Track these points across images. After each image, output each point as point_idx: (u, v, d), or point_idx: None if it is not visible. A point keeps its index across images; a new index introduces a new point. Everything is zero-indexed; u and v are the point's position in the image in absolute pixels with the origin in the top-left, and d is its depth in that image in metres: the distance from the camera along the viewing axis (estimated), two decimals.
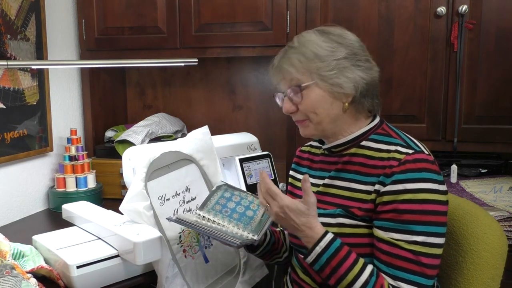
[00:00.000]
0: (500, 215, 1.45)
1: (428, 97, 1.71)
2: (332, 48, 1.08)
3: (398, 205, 0.99)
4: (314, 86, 1.08)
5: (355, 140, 1.12)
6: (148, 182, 1.24)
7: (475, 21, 1.63)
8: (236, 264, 1.39)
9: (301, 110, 1.11)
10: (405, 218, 0.98)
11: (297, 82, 1.09)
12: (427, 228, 0.98)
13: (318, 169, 1.21)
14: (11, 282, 1.01)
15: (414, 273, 0.97)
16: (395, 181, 1.00)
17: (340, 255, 0.99)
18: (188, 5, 1.86)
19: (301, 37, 1.13)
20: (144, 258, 1.12)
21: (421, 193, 0.98)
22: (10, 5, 1.62)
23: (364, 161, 1.09)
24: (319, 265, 1.00)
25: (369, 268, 1.00)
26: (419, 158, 1.02)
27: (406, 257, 0.98)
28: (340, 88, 1.07)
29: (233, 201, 1.23)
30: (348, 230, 1.06)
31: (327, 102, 1.09)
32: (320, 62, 1.07)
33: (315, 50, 1.08)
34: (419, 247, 0.97)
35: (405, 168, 1.01)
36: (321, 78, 1.07)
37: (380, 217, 1.02)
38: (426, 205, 0.98)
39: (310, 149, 1.29)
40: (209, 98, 2.28)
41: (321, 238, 1.00)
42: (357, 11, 1.73)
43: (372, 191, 1.05)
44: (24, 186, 1.74)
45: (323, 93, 1.08)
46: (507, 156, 1.86)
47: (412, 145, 1.06)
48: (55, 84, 1.88)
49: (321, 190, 1.16)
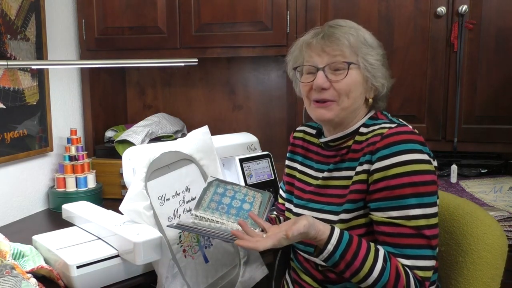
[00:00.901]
0: (500, 215, 1.45)
1: (428, 97, 1.71)
2: (378, 43, 1.12)
3: (389, 182, 0.99)
4: (357, 69, 1.08)
5: (353, 133, 1.13)
6: (148, 182, 1.23)
7: (475, 21, 1.63)
8: (236, 264, 1.39)
9: (337, 89, 1.08)
10: (398, 193, 0.98)
11: (343, 58, 1.07)
12: (421, 200, 0.98)
13: (316, 161, 1.21)
14: (11, 282, 1.01)
15: (421, 247, 0.98)
16: (381, 157, 1.01)
17: (352, 248, 0.97)
18: (188, 5, 1.86)
19: (343, 21, 1.13)
20: (144, 258, 1.12)
21: (408, 165, 0.98)
22: (10, 5, 1.62)
23: (355, 147, 1.10)
24: (333, 261, 0.98)
25: (381, 252, 0.98)
26: (401, 130, 1.02)
27: (410, 233, 0.98)
28: (375, 80, 1.09)
29: (228, 196, 1.22)
30: (350, 224, 1.06)
31: (360, 89, 1.10)
32: (371, 48, 1.09)
33: (366, 37, 1.10)
34: (420, 221, 0.98)
35: (388, 142, 1.01)
36: (366, 63, 1.08)
37: (374, 197, 1.02)
38: (416, 177, 0.98)
39: (304, 136, 1.28)
40: (209, 98, 2.28)
41: (330, 236, 0.98)
42: (357, 11, 1.73)
43: (361, 171, 1.05)
44: (24, 186, 1.74)
45: (361, 79, 1.09)
46: (507, 156, 1.86)
47: (395, 121, 1.07)
48: (55, 84, 1.88)
49: (321, 183, 1.15)
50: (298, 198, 1.22)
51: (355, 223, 1.06)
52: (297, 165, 1.26)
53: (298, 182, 1.24)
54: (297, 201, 1.22)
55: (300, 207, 1.19)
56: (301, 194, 1.21)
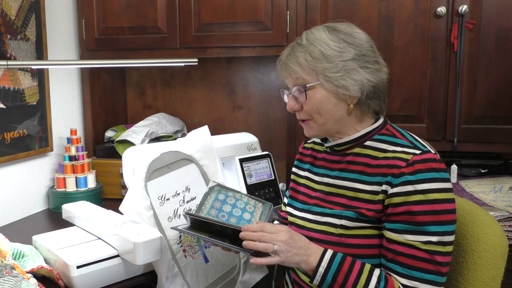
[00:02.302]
0: (500, 215, 1.45)
1: (428, 97, 1.71)
2: (340, 48, 1.06)
3: (410, 207, 0.99)
4: (319, 86, 1.07)
5: (358, 139, 1.12)
6: (148, 182, 1.23)
7: (475, 21, 1.63)
8: (236, 264, 1.39)
9: (305, 110, 1.10)
10: (419, 220, 0.98)
11: (303, 81, 1.08)
12: (441, 228, 0.98)
13: (321, 167, 1.20)
14: (11, 282, 1.01)
15: (430, 272, 0.98)
16: (405, 182, 1.00)
17: (344, 270, 0.99)
18: (188, 5, 1.86)
19: (310, 34, 1.10)
20: (144, 258, 1.12)
21: (432, 193, 0.98)
22: (10, 5, 1.62)
23: (368, 161, 1.09)
24: (326, 284, 1.00)
25: (376, 273, 1.00)
26: (427, 158, 1.01)
27: (422, 257, 0.98)
28: (346, 90, 1.06)
29: (229, 204, 1.21)
30: (351, 232, 1.06)
31: (332, 103, 1.08)
32: (327, 62, 1.05)
33: (322, 50, 1.06)
34: (434, 246, 0.98)
35: (414, 169, 1.00)
36: (327, 79, 1.05)
37: (392, 219, 1.01)
38: (438, 205, 0.98)
39: (313, 146, 1.28)
40: (209, 98, 2.28)
41: (321, 258, 1.01)
42: (357, 11, 1.73)
43: (379, 191, 1.04)
44: (24, 186, 1.74)
45: (328, 94, 1.07)
46: (507, 156, 1.86)
47: (418, 145, 1.05)
48: (55, 84, 1.88)
49: (325, 189, 1.15)
50: (303, 203, 1.21)
51: (357, 232, 1.06)
52: (305, 173, 1.26)
53: (303, 188, 1.24)
54: (301, 205, 1.21)
55: (305, 211, 1.19)
56: (307, 199, 1.21)
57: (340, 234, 1.06)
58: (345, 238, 1.05)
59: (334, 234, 1.07)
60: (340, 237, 1.06)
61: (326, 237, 1.08)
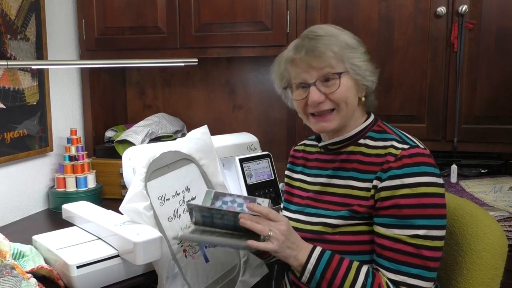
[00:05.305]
0: (500, 215, 1.45)
1: (428, 97, 1.71)
2: (357, 41, 1.10)
3: (398, 201, 0.99)
4: (347, 75, 1.08)
5: (353, 137, 1.13)
6: (148, 182, 1.23)
7: (475, 21, 1.63)
8: (236, 264, 1.39)
9: (333, 100, 1.07)
10: (406, 213, 0.99)
11: (332, 69, 1.06)
12: (428, 222, 0.98)
13: (314, 167, 1.21)
14: (11, 282, 1.01)
15: (416, 266, 0.98)
16: (392, 176, 1.01)
17: (332, 266, 1.00)
18: (188, 5, 1.86)
19: (321, 29, 1.10)
20: (144, 258, 1.12)
21: (419, 187, 0.98)
22: (10, 5, 1.62)
23: (361, 159, 1.09)
24: (315, 281, 1.01)
25: (364, 269, 1.00)
26: (415, 152, 1.02)
27: (409, 252, 0.98)
28: (365, 80, 1.09)
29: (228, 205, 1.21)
30: (344, 229, 1.06)
31: (353, 93, 1.09)
32: (353, 51, 1.08)
33: (347, 40, 1.08)
34: (421, 240, 0.98)
35: (401, 163, 1.01)
36: (353, 67, 1.07)
37: (380, 213, 1.02)
38: (425, 199, 0.98)
39: (304, 148, 1.28)
40: (209, 98, 2.28)
41: (310, 255, 1.01)
42: (357, 11, 1.73)
43: (370, 187, 1.05)
44: (24, 186, 1.74)
45: (352, 83, 1.09)
46: (507, 156, 1.86)
47: (407, 140, 1.06)
48: (55, 84, 1.88)
49: (319, 189, 1.16)
50: (296, 205, 1.22)
51: (350, 229, 1.06)
52: (298, 175, 1.26)
53: (297, 190, 1.24)
54: (294, 207, 1.22)
55: (298, 212, 1.19)
56: (299, 201, 1.21)
57: (333, 233, 1.07)
58: (338, 236, 1.06)
59: (327, 233, 1.08)
60: (334, 235, 1.07)
61: (319, 236, 1.09)
